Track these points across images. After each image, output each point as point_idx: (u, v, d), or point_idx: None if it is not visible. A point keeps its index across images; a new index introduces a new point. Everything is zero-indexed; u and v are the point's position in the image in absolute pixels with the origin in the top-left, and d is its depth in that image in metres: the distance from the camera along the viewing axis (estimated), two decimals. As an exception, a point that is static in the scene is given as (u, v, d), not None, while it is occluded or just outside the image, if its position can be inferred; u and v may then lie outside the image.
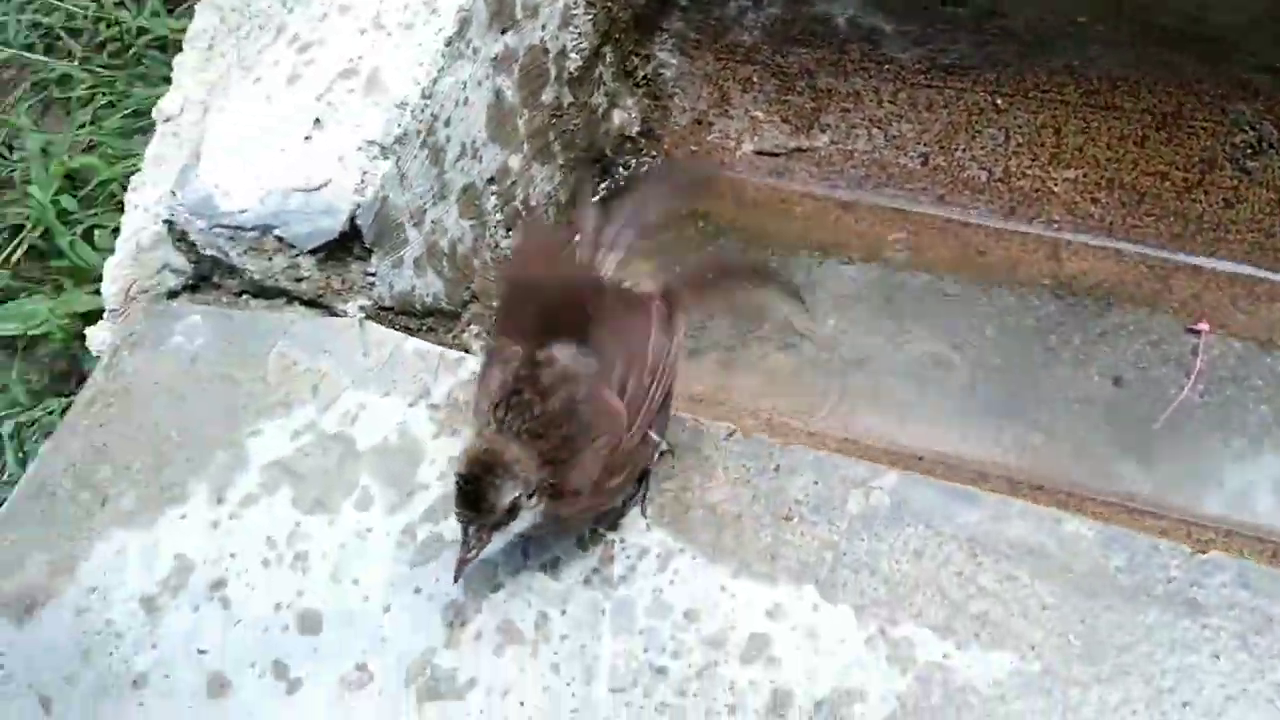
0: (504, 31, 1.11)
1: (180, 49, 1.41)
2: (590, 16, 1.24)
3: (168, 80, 1.40)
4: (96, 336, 1.07)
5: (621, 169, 1.36)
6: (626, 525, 0.80)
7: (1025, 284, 1.18)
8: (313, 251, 0.97)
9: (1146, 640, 0.67)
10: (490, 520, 0.70)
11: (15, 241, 1.33)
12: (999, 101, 1.18)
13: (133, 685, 0.83)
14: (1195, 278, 1.14)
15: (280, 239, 0.97)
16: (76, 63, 1.42)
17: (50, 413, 1.14)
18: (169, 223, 1.01)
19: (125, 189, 1.31)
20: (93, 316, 1.22)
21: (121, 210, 1.30)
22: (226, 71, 1.15)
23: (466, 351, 0.97)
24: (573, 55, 1.23)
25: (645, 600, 0.76)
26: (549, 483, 0.70)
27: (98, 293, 1.21)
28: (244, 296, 1.02)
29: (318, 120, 1.00)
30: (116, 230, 1.28)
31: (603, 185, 1.36)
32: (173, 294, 1.04)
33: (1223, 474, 1.04)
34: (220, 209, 0.98)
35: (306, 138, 1.00)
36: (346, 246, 0.98)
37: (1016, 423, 1.10)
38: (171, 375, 0.98)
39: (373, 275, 1.00)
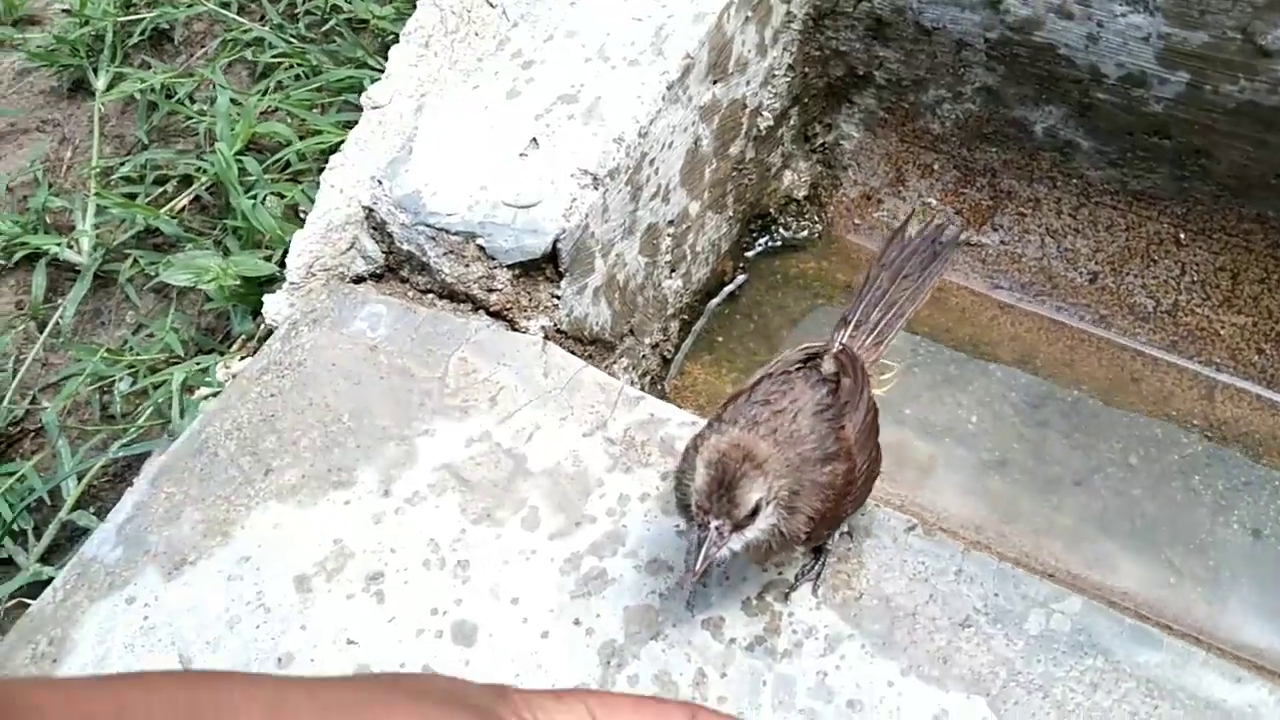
0: (715, 82, 1.13)
1: (375, 33, 1.45)
2: (788, 79, 1.26)
3: (355, 61, 1.43)
4: (272, 306, 1.09)
5: (781, 229, 1.38)
6: (795, 599, 0.81)
7: (1176, 419, 1.18)
8: (510, 266, 0.99)
9: (1328, 822, 0.67)
10: (737, 516, 0.66)
11: (187, 191, 1.36)
12: (1182, 236, 1.18)
13: (277, 663, 0.84)
14: (1351, 446, 1.13)
15: (482, 248, 0.99)
16: (270, 29, 1.45)
17: (203, 369, 1.16)
18: (369, 210, 1.03)
19: (303, 159, 1.35)
20: (255, 281, 1.24)
21: (295, 181, 1.33)
22: (439, 71, 1.17)
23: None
24: (765, 114, 1.25)
25: (809, 680, 0.77)
26: (785, 494, 0.68)
27: (267, 259, 1.24)
28: (429, 295, 1.04)
29: (534, 140, 1.02)
30: (287, 199, 1.31)
31: (761, 241, 1.37)
32: (359, 279, 1.06)
33: (1356, 649, 1.03)
34: (427, 208, 1.00)
35: (521, 154, 1.02)
36: (542, 267, 1.00)
37: (1150, 557, 1.10)
38: (350, 359, 1.00)
39: (559, 298, 1.02)
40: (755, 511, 0.66)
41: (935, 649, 0.77)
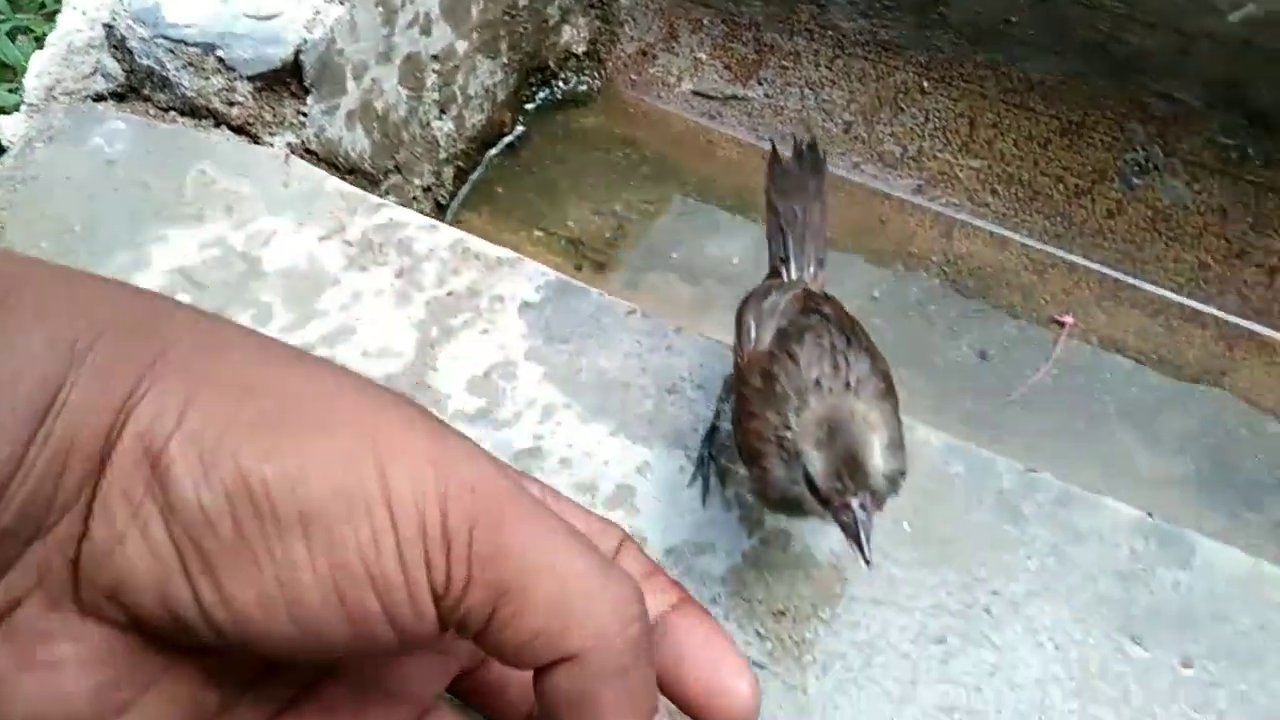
0: (475, -86, 1.14)
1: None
2: (558, -74, 1.27)
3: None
4: (9, 127, 1.05)
5: (561, 83, 1.40)
6: (520, 378, 0.84)
7: (917, 256, 1.26)
8: (251, 78, 0.98)
9: (970, 537, 0.74)
10: (875, 486, 0.59)
11: (-69, 30, 1.29)
12: (925, 84, 1.25)
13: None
14: (1069, 275, 1.23)
15: (221, 60, 0.98)
16: None
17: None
18: (109, 27, 1.01)
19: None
20: (8, 112, 1.19)
21: (51, 20, 1.28)
22: (190, -105, 1.14)
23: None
24: (535, -41, 1.26)
25: (524, 443, 0.80)
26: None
27: (13, 91, 1.19)
28: (171, 113, 1.02)
29: (278, -47, 1.01)
30: (40, 38, 1.26)
31: (541, 95, 1.39)
32: (99, 98, 1.03)
33: (1060, 449, 1.13)
34: (166, 20, 0.98)
35: (264, -33, 1.01)
36: (285, 81, 0.99)
37: (888, 378, 1.18)
38: (84, 173, 0.97)
39: (305, 115, 1.01)
40: (884, 473, 0.60)
41: (643, 412, 0.81)
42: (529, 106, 1.38)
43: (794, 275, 0.82)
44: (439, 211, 1.27)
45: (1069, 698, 0.69)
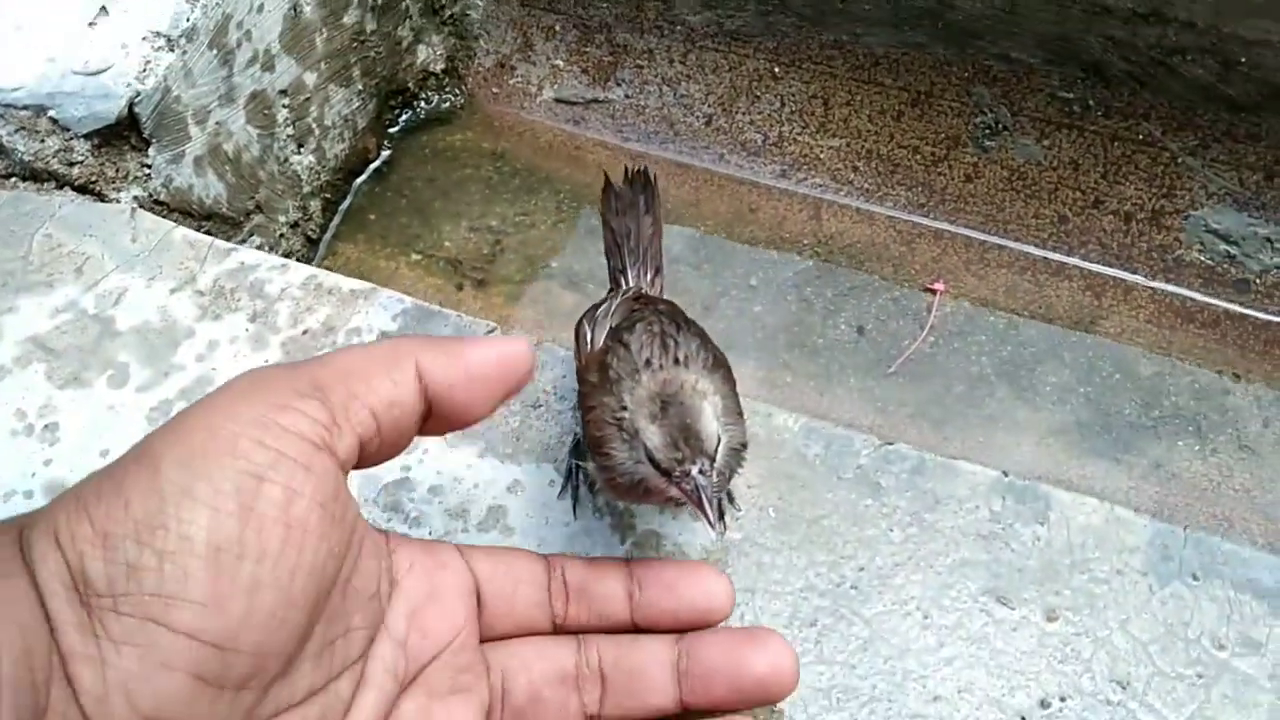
0: (306, -54, 1.13)
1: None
2: (398, -53, 1.27)
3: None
4: None
5: (424, 104, 1.39)
6: (382, 409, 0.84)
7: (789, 240, 1.28)
8: (87, 136, 0.96)
9: (833, 515, 0.76)
10: (710, 450, 0.59)
11: None
12: (777, 70, 1.27)
13: None
14: (936, 243, 1.26)
15: (54, 120, 0.96)
16: None
17: None
18: (-67, 96, 0.98)
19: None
20: None
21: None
22: (9, -47, 1.12)
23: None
24: (378, -17, 1.26)
25: (392, 475, 0.80)
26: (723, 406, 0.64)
27: None
28: (11, 180, 1.00)
29: (103, 7, 1.00)
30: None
31: (403, 117, 1.38)
32: (-68, 170, 1.01)
33: (943, 414, 1.16)
34: (-10, 84, 0.96)
35: (90, 23, 0.99)
36: (123, 135, 0.98)
37: (770, 362, 1.20)
38: (-76, 250, 0.95)
39: (149, 167, 1.00)
40: (719, 438, 0.60)
41: (510, 430, 0.82)
42: (393, 130, 1.37)
43: (631, 284, 0.83)
44: (310, 246, 1.26)
45: (941, 664, 0.71)
